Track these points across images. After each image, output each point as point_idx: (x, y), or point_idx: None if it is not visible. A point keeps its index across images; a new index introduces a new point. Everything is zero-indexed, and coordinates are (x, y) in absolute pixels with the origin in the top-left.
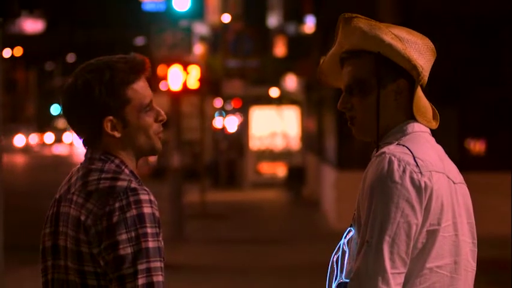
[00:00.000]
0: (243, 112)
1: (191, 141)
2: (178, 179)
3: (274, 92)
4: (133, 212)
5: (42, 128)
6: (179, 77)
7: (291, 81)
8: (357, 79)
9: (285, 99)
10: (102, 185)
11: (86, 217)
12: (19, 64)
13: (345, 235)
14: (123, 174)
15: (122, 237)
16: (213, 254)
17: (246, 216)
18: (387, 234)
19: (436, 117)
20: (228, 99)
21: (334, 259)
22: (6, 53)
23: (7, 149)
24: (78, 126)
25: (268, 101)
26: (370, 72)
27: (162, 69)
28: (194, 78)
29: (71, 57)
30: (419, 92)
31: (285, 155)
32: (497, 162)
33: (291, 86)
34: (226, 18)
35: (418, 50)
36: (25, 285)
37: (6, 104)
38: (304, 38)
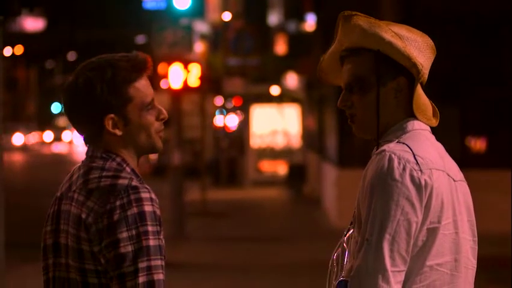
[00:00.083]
0: (244, 110)
1: (192, 139)
2: (179, 177)
3: (274, 90)
4: (134, 210)
5: (42, 126)
6: (180, 75)
7: (292, 79)
8: (356, 77)
9: (285, 97)
10: (103, 183)
11: (86, 215)
12: (20, 62)
13: (345, 233)
14: (124, 172)
15: (122, 235)
16: (213, 252)
17: (247, 214)
18: (387, 232)
19: (436, 115)
20: (228, 97)
21: (335, 257)
22: (7, 51)
23: (6, 147)
24: (79, 124)
25: (268, 99)
26: (370, 70)
27: (162, 68)
28: (195, 76)
29: (72, 56)
30: (419, 90)
31: (285, 153)
32: (497, 160)
33: (291, 84)
34: (227, 16)
35: (418, 48)
36: (27, 282)
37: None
38: (304, 36)
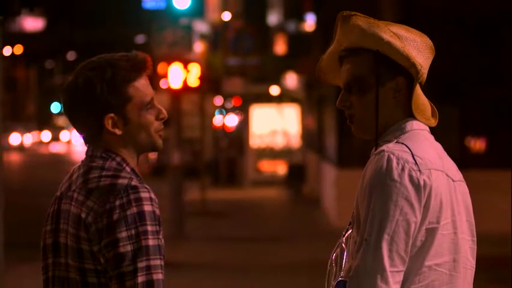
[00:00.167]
0: (243, 110)
1: (191, 139)
2: (179, 177)
3: (274, 90)
4: (133, 210)
5: (42, 126)
6: (179, 75)
7: (291, 79)
8: (355, 77)
9: (285, 97)
10: (103, 182)
11: (86, 214)
12: (19, 62)
13: (343, 233)
14: (124, 172)
15: (122, 235)
16: (213, 252)
17: (247, 214)
18: (386, 232)
19: (435, 115)
20: (228, 97)
21: (333, 257)
22: (7, 51)
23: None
24: (79, 123)
25: (268, 99)
26: (369, 70)
27: (162, 67)
28: (194, 76)
29: (71, 55)
30: (418, 90)
31: (285, 153)
32: (497, 160)
33: (291, 84)
34: (227, 16)
35: (416, 48)
36: (25, 282)
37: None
38: (304, 36)
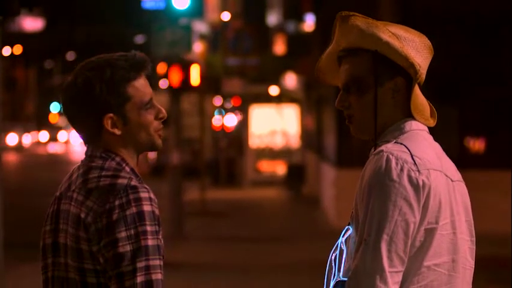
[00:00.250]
0: (243, 110)
1: (191, 139)
2: (178, 177)
3: (273, 90)
4: (133, 210)
5: (41, 126)
6: (179, 75)
7: (291, 80)
8: (354, 77)
9: (284, 98)
10: (103, 182)
11: (86, 214)
12: (19, 62)
13: (343, 233)
14: (124, 172)
15: (121, 234)
16: (212, 252)
17: (246, 214)
18: (385, 232)
19: (433, 115)
20: (227, 97)
21: (332, 257)
22: (6, 51)
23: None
24: (78, 123)
25: (267, 99)
26: (368, 70)
27: (162, 67)
28: (194, 76)
29: (71, 56)
30: (416, 90)
31: (284, 153)
32: (496, 160)
33: (290, 84)
34: (226, 16)
35: (415, 48)
36: (24, 282)
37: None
38: (303, 36)
